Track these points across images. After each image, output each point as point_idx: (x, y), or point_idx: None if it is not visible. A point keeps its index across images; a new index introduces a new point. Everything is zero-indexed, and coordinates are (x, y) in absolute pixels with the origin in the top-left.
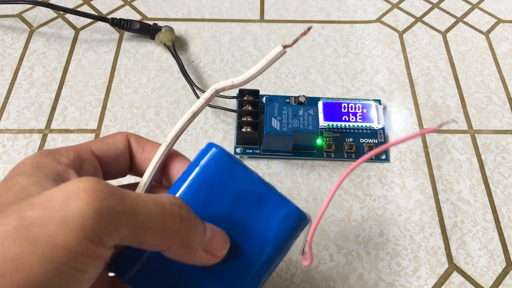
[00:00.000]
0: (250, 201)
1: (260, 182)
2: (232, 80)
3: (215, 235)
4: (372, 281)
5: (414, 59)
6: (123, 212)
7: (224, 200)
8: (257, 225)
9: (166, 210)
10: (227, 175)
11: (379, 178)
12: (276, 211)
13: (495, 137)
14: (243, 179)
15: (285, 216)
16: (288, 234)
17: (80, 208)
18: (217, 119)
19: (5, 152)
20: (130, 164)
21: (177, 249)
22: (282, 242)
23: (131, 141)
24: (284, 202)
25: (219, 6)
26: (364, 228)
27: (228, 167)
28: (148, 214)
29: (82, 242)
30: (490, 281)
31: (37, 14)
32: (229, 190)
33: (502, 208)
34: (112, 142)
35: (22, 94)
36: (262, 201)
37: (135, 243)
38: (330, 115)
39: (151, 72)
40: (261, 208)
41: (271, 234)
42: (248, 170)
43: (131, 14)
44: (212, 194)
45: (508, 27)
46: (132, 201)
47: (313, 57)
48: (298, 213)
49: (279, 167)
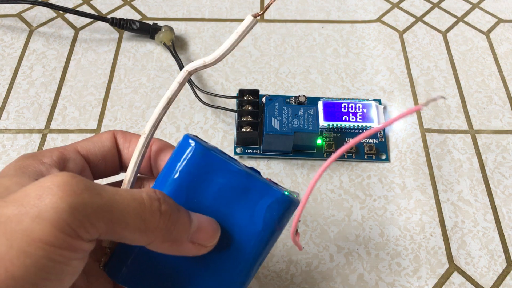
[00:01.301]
0: (234, 193)
1: (242, 172)
2: (204, 59)
3: (203, 225)
4: (372, 282)
5: (414, 59)
6: (99, 206)
7: (207, 193)
8: (244, 216)
9: (144, 205)
10: (208, 169)
11: (380, 178)
12: (262, 200)
13: (496, 137)
14: (224, 171)
15: (271, 204)
16: (276, 221)
17: (54, 202)
18: (217, 119)
19: (4, 152)
20: (120, 162)
21: (160, 243)
22: (271, 231)
23: (117, 138)
24: (269, 189)
25: (219, 6)
26: (364, 228)
27: (209, 161)
28: (126, 209)
29: (57, 235)
30: (490, 281)
31: (36, 14)
32: (211, 184)
33: (502, 208)
34: (98, 140)
35: (21, 94)
36: (247, 191)
37: (115, 238)
38: (330, 115)
39: (151, 72)
40: (246, 199)
41: (258, 224)
42: (228, 162)
43: (130, 14)
44: (194, 189)
45: (508, 26)
46: (109, 196)
47: (313, 57)
48: (285, 200)
49: (279, 167)
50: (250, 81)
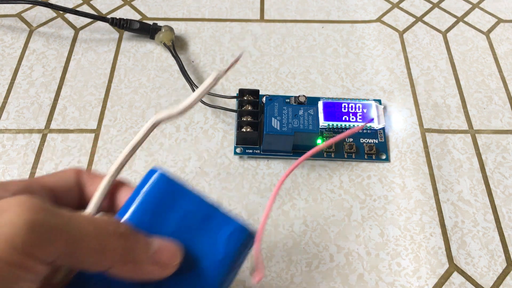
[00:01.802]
0: (195, 222)
1: (204, 203)
2: (171, 110)
3: (163, 245)
4: (372, 282)
5: (414, 59)
6: (56, 226)
7: (169, 222)
8: (205, 245)
9: (101, 227)
10: (170, 198)
11: (379, 178)
12: (222, 230)
13: (496, 137)
14: (187, 201)
15: (230, 235)
16: (236, 252)
17: (10, 219)
18: (217, 119)
19: (4, 152)
20: (81, 199)
21: (120, 267)
22: (231, 260)
23: (81, 176)
24: (229, 220)
25: (219, 6)
26: (364, 228)
27: (171, 190)
28: (84, 230)
29: (12, 253)
30: (490, 281)
31: (36, 14)
32: (173, 213)
33: (502, 208)
34: (63, 175)
35: (21, 94)
36: (208, 221)
37: (72, 261)
38: (330, 115)
39: (151, 72)
40: (207, 228)
41: (219, 253)
42: (191, 192)
43: (130, 14)
44: (157, 217)
45: (508, 26)
46: (67, 217)
47: (313, 57)
48: (243, 231)
49: (279, 167)
50: (250, 81)
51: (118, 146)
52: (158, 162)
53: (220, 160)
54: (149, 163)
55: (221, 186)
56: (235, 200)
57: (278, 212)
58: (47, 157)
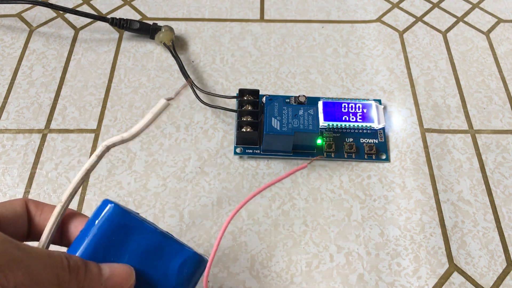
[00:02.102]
0: (149, 252)
1: (157, 232)
2: (122, 135)
3: (116, 270)
4: (372, 282)
5: (414, 59)
6: (17, 257)
7: (123, 253)
8: (158, 273)
9: (57, 260)
10: (123, 230)
11: (379, 178)
12: (175, 259)
13: (496, 137)
14: (140, 232)
15: (183, 262)
16: (189, 278)
17: None
18: (217, 119)
19: (4, 152)
20: (29, 229)
21: None
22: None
23: (29, 205)
24: (181, 249)
25: (219, 6)
26: (364, 228)
27: (124, 222)
28: (41, 264)
29: None
30: (490, 281)
31: (36, 14)
32: (127, 244)
33: (502, 208)
34: (10, 205)
35: (21, 94)
36: (161, 250)
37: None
38: (330, 115)
39: (151, 72)
40: (160, 257)
41: (172, 281)
42: (144, 222)
43: (130, 14)
44: (111, 249)
45: (508, 26)
46: (27, 250)
47: (313, 57)
48: (195, 258)
49: (279, 167)
50: (250, 81)
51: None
52: (158, 162)
53: (220, 160)
54: (149, 163)
55: (221, 186)
56: (235, 200)
57: (278, 212)
58: (47, 157)
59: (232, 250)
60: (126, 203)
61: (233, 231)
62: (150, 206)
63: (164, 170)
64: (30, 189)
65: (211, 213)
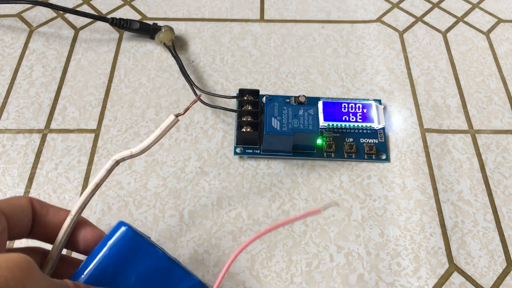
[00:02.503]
0: (156, 276)
1: (165, 258)
2: (131, 150)
3: None
4: (372, 282)
5: (414, 59)
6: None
7: (130, 276)
8: None
9: None
10: (134, 252)
11: (379, 178)
12: (180, 285)
13: (496, 137)
14: (149, 255)
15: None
16: None
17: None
18: (217, 119)
19: (4, 152)
20: (32, 228)
21: None
22: None
23: (34, 205)
24: (187, 276)
25: (219, 6)
26: (364, 228)
27: (135, 245)
28: None
29: None
30: (490, 281)
31: (36, 14)
32: (135, 267)
33: (502, 208)
34: (18, 203)
35: (21, 94)
36: (167, 275)
37: None
38: (330, 115)
39: (151, 72)
40: (166, 282)
41: None
42: (153, 247)
43: (130, 14)
44: (119, 270)
45: (508, 26)
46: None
47: (313, 57)
48: (200, 286)
49: (279, 167)
50: (250, 81)
51: (118, 146)
52: (158, 162)
53: (220, 160)
54: (149, 163)
55: (221, 186)
56: (235, 200)
57: (278, 212)
58: (47, 157)
59: (232, 250)
60: (126, 203)
61: (233, 231)
62: (150, 206)
63: (164, 170)
64: (30, 189)
65: (211, 213)
